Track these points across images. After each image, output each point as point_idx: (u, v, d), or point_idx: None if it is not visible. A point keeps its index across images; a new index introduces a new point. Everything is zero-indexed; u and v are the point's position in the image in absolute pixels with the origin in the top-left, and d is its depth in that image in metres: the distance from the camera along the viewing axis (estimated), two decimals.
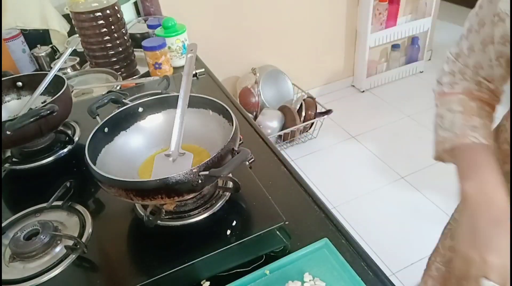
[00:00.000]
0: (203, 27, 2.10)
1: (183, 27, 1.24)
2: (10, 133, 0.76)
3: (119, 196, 0.60)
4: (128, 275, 0.61)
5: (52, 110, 0.78)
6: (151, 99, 0.77)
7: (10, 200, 0.81)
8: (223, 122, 0.73)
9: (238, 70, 2.39)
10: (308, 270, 0.59)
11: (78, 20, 1.13)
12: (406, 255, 1.64)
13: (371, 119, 2.47)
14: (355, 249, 0.63)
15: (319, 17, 2.41)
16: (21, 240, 0.65)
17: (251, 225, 0.66)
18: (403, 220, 1.80)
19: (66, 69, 1.27)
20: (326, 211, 0.69)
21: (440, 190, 1.92)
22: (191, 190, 0.60)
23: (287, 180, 0.77)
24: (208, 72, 1.20)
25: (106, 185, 0.60)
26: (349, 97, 2.72)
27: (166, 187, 0.56)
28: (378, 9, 2.48)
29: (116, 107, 0.79)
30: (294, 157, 2.24)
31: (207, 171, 0.57)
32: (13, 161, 0.90)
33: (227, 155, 0.61)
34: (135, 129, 0.76)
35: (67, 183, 0.77)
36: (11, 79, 0.96)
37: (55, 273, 0.62)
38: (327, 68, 2.68)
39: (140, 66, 1.30)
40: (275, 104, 2.32)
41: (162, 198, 0.58)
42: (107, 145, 0.71)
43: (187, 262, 0.61)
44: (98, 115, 0.76)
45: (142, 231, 0.68)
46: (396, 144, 2.26)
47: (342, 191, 1.98)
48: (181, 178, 0.56)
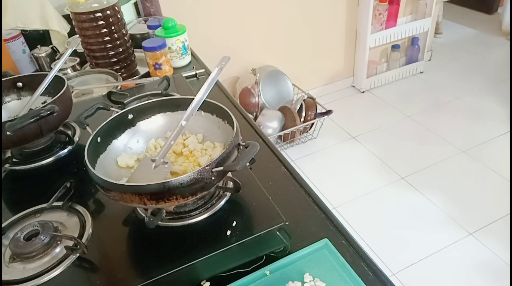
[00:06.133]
0: (203, 27, 2.11)
1: (183, 28, 1.24)
2: (10, 133, 0.76)
3: (131, 202, 0.59)
4: (128, 276, 0.61)
5: (52, 111, 0.78)
6: (140, 104, 0.77)
7: (10, 200, 0.81)
8: (217, 121, 0.73)
9: (238, 71, 2.39)
10: (308, 271, 0.59)
11: (78, 20, 1.13)
12: (406, 256, 1.64)
13: (371, 120, 2.48)
14: (355, 249, 0.63)
15: (319, 17, 2.41)
16: (21, 240, 0.65)
17: (251, 226, 0.66)
18: (403, 220, 1.80)
19: (66, 70, 1.27)
20: (326, 211, 0.69)
21: (440, 190, 1.92)
22: (203, 188, 0.60)
23: (287, 180, 0.77)
24: (208, 72, 1.20)
25: (116, 192, 0.60)
26: (349, 97, 2.73)
27: (181, 188, 0.57)
28: (378, 9, 2.48)
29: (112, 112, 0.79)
30: (294, 157, 2.24)
31: (221, 167, 0.58)
32: (13, 161, 0.90)
33: (234, 151, 0.62)
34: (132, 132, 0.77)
35: (67, 183, 0.76)
36: (11, 80, 0.96)
37: (55, 274, 0.62)
38: (327, 69, 2.68)
39: (140, 67, 1.30)
40: (275, 105, 2.32)
41: (177, 199, 0.59)
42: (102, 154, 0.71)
43: (187, 263, 0.61)
44: (88, 125, 0.76)
45: (142, 232, 0.68)
46: (396, 145, 2.26)
47: (342, 192, 1.98)
48: (196, 176, 0.57)
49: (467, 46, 3.17)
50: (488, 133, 2.25)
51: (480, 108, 2.47)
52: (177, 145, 0.74)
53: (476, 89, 2.65)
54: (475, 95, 2.59)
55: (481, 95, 2.59)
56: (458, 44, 3.21)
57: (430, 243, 1.69)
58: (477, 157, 2.11)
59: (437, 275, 1.57)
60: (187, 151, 0.73)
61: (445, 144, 2.21)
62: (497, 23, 3.38)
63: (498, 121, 2.35)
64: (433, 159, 2.11)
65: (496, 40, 3.21)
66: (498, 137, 2.23)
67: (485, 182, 1.96)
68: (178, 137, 0.68)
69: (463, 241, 1.68)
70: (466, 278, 1.55)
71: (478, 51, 3.09)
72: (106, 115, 0.76)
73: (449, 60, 2.99)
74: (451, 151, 2.16)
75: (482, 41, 3.22)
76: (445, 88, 2.68)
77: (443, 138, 2.26)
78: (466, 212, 1.79)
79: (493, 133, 2.25)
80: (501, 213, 1.78)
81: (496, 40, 3.20)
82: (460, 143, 2.20)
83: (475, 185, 1.95)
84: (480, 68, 2.87)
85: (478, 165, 2.06)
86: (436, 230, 1.74)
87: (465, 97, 2.58)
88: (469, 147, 2.17)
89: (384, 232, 1.76)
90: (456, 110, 2.48)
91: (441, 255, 1.63)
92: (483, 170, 2.03)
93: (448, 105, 2.53)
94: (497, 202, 1.83)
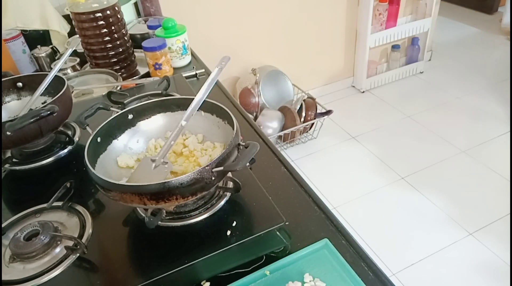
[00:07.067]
0: (203, 27, 2.11)
1: (183, 28, 1.24)
2: (10, 133, 0.76)
3: (131, 202, 0.59)
4: (128, 276, 0.61)
5: (52, 111, 0.78)
6: (140, 104, 0.77)
7: (10, 200, 0.81)
8: (217, 121, 0.73)
9: (238, 71, 2.39)
10: (308, 271, 0.59)
11: (78, 20, 1.13)
12: (406, 256, 1.64)
13: (371, 120, 2.48)
14: (355, 249, 0.63)
15: (319, 18, 2.41)
16: (21, 240, 0.65)
17: (251, 226, 0.66)
18: (403, 220, 1.80)
19: (66, 70, 1.27)
20: (326, 211, 0.69)
21: (440, 190, 1.92)
22: (203, 188, 0.60)
23: (287, 180, 0.77)
24: (208, 72, 1.20)
25: (116, 192, 0.60)
26: (349, 97, 2.73)
27: (181, 188, 0.57)
28: (378, 9, 2.48)
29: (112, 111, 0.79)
30: (294, 157, 2.24)
31: (221, 167, 0.58)
32: (13, 161, 0.90)
33: (234, 151, 0.62)
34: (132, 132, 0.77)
35: (67, 183, 0.76)
36: (11, 80, 0.96)
37: (55, 274, 0.62)
38: (327, 69, 2.68)
39: (140, 67, 1.30)
40: (275, 105, 2.32)
41: (177, 199, 0.59)
42: (102, 154, 0.71)
43: (187, 263, 0.61)
44: (88, 125, 0.76)
45: (142, 232, 0.68)
46: (396, 145, 2.26)
47: (342, 192, 1.98)
48: (196, 176, 0.57)
49: (467, 46, 3.17)
50: (488, 133, 2.25)
51: (480, 108, 2.47)
52: (177, 145, 0.74)
53: (476, 89, 2.65)
54: (475, 95, 2.59)
55: (481, 95, 2.59)
56: (458, 44, 3.21)
57: (430, 243, 1.69)
58: (477, 157, 2.11)
59: (437, 275, 1.57)
60: (187, 151, 0.73)
61: (445, 144, 2.21)
62: (497, 23, 3.38)
63: (498, 121, 2.35)
64: (433, 159, 2.11)
65: (497, 40, 3.21)
66: (498, 137, 2.23)
67: (485, 182, 1.96)
68: (178, 137, 0.68)
69: (463, 241, 1.68)
70: (466, 278, 1.55)
71: (479, 51, 3.09)
72: (106, 115, 0.76)
73: (449, 60, 2.99)
74: (451, 151, 2.16)
75: (483, 41, 3.22)
76: (445, 88, 2.68)
77: (443, 138, 2.26)
78: (466, 212, 1.79)
79: (493, 133, 2.25)
80: (501, 213, 1.78)
81: (497, 40, 3.20)
82: (460, 143, 2.20)
83: (475, 185, 1.94)
84: (480, 68, 2.87)
85: (478, 165, 2.06)
86: (436, 230, 1.74)
87: (465, 97, 2.58)
88: (469, 147, 2.17)
89: (384, 232, 1.76)
90: (456, 110, 2.48)
91: (441, 255, 1.63)
92: (483, 170, 2.02)
93: (448, 105, 2.53)
94: (497, 202, 1.83)
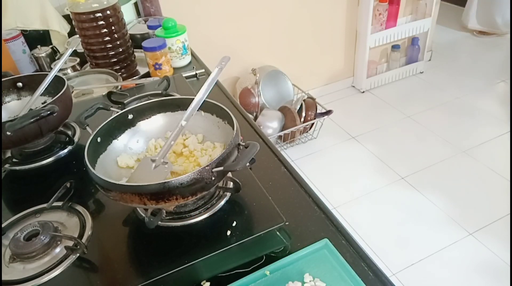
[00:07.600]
0: (203, 27, 2.11)
1: (183, 28, 1.24)
2: (10, 133, 0.76)
3: (131, 202, 0.59)
4: (128, 276, 0.61)
5: (52, 111, 0.78)
6: (140, 104, 0.77)
7: (10, 200, 0.81)
8: (217, 121, 0.73)
9: (238, 71, 2.39)
10: (308, 271, 0.59)
11: (78, 20, 1.13)
12: (406, 256, 1.64)
13: (371, 120, 2.48)
14: (355, 249, 0.63)
15: (319, 18, 2.41)
16: (21, 240, 0.65)
17: (251, 226, 0.66)
18: (403, 220, 1.80)
19: (66, 70, 1.27)
20: (326, 211, 0.69)
21: (440, 190, 1.92)
22: (203, 188, 0.60)
23: (287, 180, 0.77)
24: (208, 73, 1.20)
25: (116, 192, 0.60)
26: (349, 97, 2.73)
27: (181, 188, 0.57)
28: (378, 9, 2.48)
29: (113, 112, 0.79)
30: (294, 157, 2.24)
31: (221, 167, 0.58)
32: (13, 161, 0.90)
33: (234, 151, 0.62)
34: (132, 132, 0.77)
35: (67, 183, 0.76)
36: (12, 80, 0.96)
37: (55, 274, 0.62)
38: (327, 69, 2.68)
39: (140, 67, 1.30)
40: (275, 105, 2.32)
41: (177, 199, 0.59)
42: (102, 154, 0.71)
43: (187, 263, 0.61)
44: (88, 125, 0.76)
45: (142, 232, 0.68)
46: (396, 145, 2.26)
47: (342, 192, 1.98)
48: (196, 176, 0.57)
49: (467, 46, 3.17)
50: (488, 133, 2.25)
51: (480, 108, 2.47)
52: (177, 145, 0.74)
53: (476, 89, 2.65)
54: (475, 95, 2.59)
55: (481, 95, 2.59)
56: (458, 44, 3.21)
57: (430, 243, 1.69)
58: (477, 157, 2.11)
59: (437, 275, 1.57)
60: (187, 151, 0.73)
61: (445, 144, 2.21)
62: None
63: (498, 121, 2.35)
64: (433, 159, 2.11)
65: (497, 40, 3.21)
66: (498, 137, 2.23)
67: (485, 182, 1.96)
68: (178, 137, 0.68)
69: (463, 241, 1.68)
70: (466, 278, 1.55)
71: (479, 51, 3.09)
72: (106, 115, 0.76)
73: (449, 60, 2.99)
74: (451, 151, 2.16)
75: (482, 41, 3.22)
76: (445, 88, 2.68)
77: (443, 138, 2.26)
78: (466, 212, 1.79)
79: (493, 133, 2.25)
80: (501, 213, 1.78)
81: (497, 40, 3.20)
82: (460, 143, 2.20)
83: (475, 185, 1.94)
84: (480, 68, 2.87)
85: (478, 165, 2.06)
86: (436, 230, 1.74)
87: (465, 97, 2.58)
88: (469, 147, 2.17)
89: (384, 232, 1.76)
90: (456, 110, 2.48)
91: (441, 255, 1.63)
92: (483, 170, 2.02)
93: (448, 105, 2.53)
94: (497, 202, 1.83)
